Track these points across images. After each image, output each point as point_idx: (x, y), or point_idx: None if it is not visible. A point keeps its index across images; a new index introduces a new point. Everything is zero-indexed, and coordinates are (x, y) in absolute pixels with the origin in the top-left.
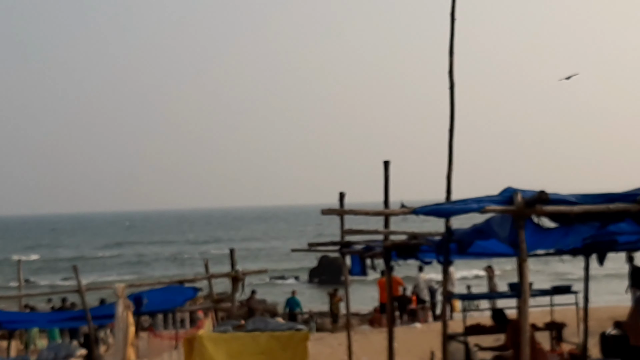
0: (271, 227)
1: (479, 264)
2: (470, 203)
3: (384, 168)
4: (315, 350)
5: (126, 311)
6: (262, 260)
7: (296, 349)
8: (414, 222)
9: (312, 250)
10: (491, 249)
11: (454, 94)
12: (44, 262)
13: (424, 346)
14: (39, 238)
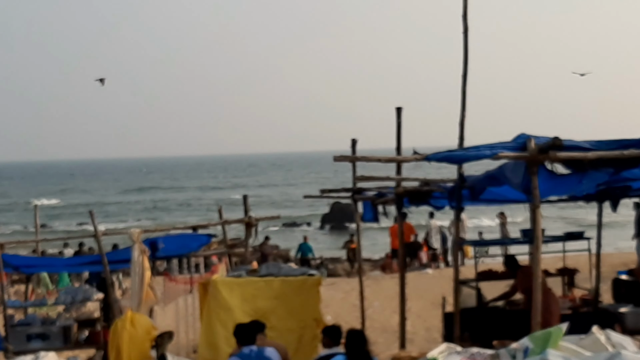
0: (285, 173)
1: (491, 213)
2: (483, 149)
3: (396, 114)
4: (327, 295)
5: (142, 256)
6: (276, 207)
7: (309, 293)
8: (426, 169)
9: (325, 197)
10: (504, 195)
11: (467, 39)
12: (62, 207)
13: (435, 292)
14: (57, 183)
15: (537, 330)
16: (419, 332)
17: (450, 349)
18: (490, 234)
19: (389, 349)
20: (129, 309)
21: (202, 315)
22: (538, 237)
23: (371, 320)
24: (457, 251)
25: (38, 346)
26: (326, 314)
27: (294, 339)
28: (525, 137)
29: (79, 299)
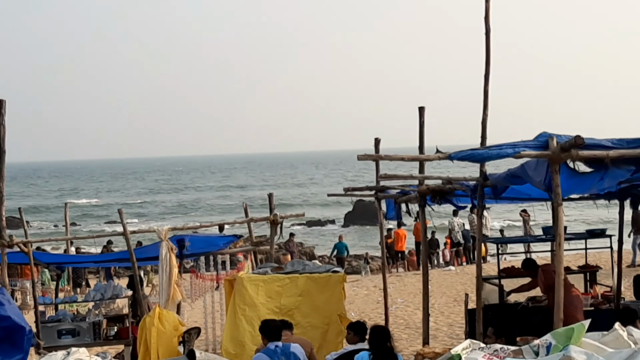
0: (308, 171)
1: (512, 215)
2: (506, 148)
3: (419, 114)
4: (351, 292)
5: (169, 253)
6: (300, 205)
7: (333, 290)
8: (449, 168)
9: (348, 195)
10: (526, 194)
11: (489, 40)
12: (94, 206)
13: (458, 288)
14: (94, 182)
15: (559, 326)
16: (442, 328)
17: (474, 345)
18: (510, 233)
19: (412, 345)
20: (157, 305)
21: (228, 312)
22: (560, 234)
23: (394, 316)
24: (480, 248)
25: (68, 342)
26: (350, 310)
27: (319, 335)
28: (547, 135)
29: (108, 296)
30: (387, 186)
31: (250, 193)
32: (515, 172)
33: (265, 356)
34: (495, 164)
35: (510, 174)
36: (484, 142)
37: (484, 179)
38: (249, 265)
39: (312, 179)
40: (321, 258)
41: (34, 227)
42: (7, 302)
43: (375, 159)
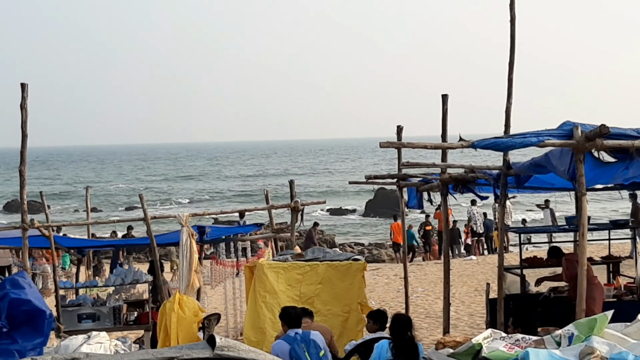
0: (330, 159)
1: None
2: (530, 137)
3: (442, 101)
4: (372, 281)
5: (190, 239)
6: (322, 192)
7: (353, 278)
8: (472, 156)
9: (370, 183)
10: (550, 183)
11: (514, 27)
12: (118, 191)
13: (479, 278)
14: (124, 167)
15: (581, 317)
16: (463, 317)
17: (495, 335)
18: (533, 223)
19: (432, 334)
20: (177, 291)
21: (248, 298)
22: (584, 224)
23: (415, 305)
24: (502, 238)
25: (88, 326)
26: (370, 299)
27: (339, 323)
28: (571, 124)
29: (129, 281)
30: (409, 174)
31: (271, 180)
32: (539, 161)
33: (285, 343)
34: (519, 153)
35: (534, 163)
36: (507, 130)
37: (507, 168)
38: (269, 252)
39: (333, 167)
40: (341, 246)
41: (54, 211)
42: (28, 286)
43: (398, 146)
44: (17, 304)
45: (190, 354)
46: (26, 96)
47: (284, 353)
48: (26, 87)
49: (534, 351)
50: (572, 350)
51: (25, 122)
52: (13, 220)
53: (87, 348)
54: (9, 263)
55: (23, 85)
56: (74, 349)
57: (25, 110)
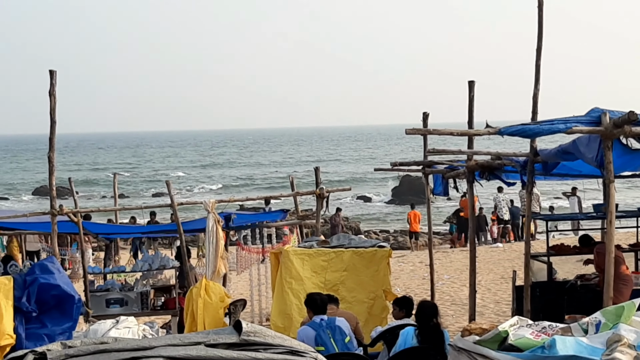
0: (357, 146)
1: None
2: (557, 123)
3: (468, 88)
4: (397, 268)
5: (216, 225)
6: (347, 179)
7: (378, 265)
8: (499, 143)
9: (395, 170)
10: (577, 170)
11: (542, 13)
12: (144, 177)
13: (505, 265)
14: (148, 153)
15: (609, 305)
16: (489, 305)
17: (521, 322)
18: (560, 210)
19: (458, 322)
20: (204, 277)
21: (274, 285)
22: (612, 212)
23: (440, 292)
24: (529, 225)
25: (116, 311)
26: (395, 286)
27: (364, 310)
28: (599, 111)
29: (156, 267)
30: (435, 161)
31: (300, 167)
32: (567, 148)
33: (311, 329)
34: (547, 140)
35: (561, 150)
36: (535, 117)
37: (534, 155)
38: (294, 239)
39: (359, 154)
40: (367, 233)
41: (83, 197)
42: (57, 271)
43: (424, 133)
44: (46, 288)
45: (217, 339)
46: (55, 83)
47: (309, 339)
48: (55, 74)
49: (561, 339)
50: (599, 337)
51: (53, 109)
52: (42, 206)
53: (116, 332)
54: (38, 248)
55: (52, 72)
56: (103, 333)
57: (54, 97)
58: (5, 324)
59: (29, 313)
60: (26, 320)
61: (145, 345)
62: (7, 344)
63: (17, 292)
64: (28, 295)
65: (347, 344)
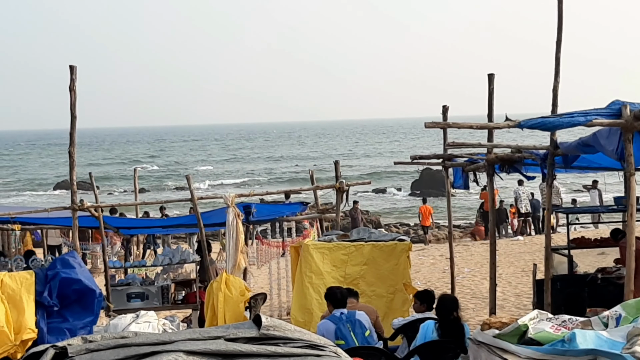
0: (376, 139)
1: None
2: (577, 116)
3: (488, 81)
4: (417, 261)
5: (236, 219)
6: (367, 173)
7: (398, 259)
8: (518, 136)
9: (415, 163)
10: (597, 163)
11: (562, 5)
12: (165, 171)
13: (526, 258)
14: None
15: (629, 298)
16: (509, 298)
17: (542, 316)
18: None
19: (478, 315)
20: (224, 271)
21: (294, 278)
22: (632, 204)
23: (461, 286)
24: (549, 218)
25: (137, 305)
26: (416, 279)
27: (384, 304)
28: (619, 103)
29: (176, 261)
30: (454, 154)
31: (319, 161)
32: (587, 140)
33: (331, 323)
34: (567, 133)
35: (581, 142)
36: (555, 110)
37: (554, 148)
38: (314, 233)
39: (379, 147)
40: (387, 226)
41: (104, 192)
42: (78, 266)
43: (443, 126)
44: (67, 283)
45: (237, 333)
46: (75, 78)
47: (329, 333)
48: (75, 69)
49: (581, 332)
50: (619, 331)
51: (74, 104)
52: (64, 200)
53: (136, 327)
54: (59, 243)
55: (72, 67)
56: (123, 327)
57: (74, 92)
58: (27, 318)
59: (50, 307)
60: (48, 315)
61: (166, 339)
62: (29, 338)
63: (39, 287)
64: (49, 289)
65: (367, 338)
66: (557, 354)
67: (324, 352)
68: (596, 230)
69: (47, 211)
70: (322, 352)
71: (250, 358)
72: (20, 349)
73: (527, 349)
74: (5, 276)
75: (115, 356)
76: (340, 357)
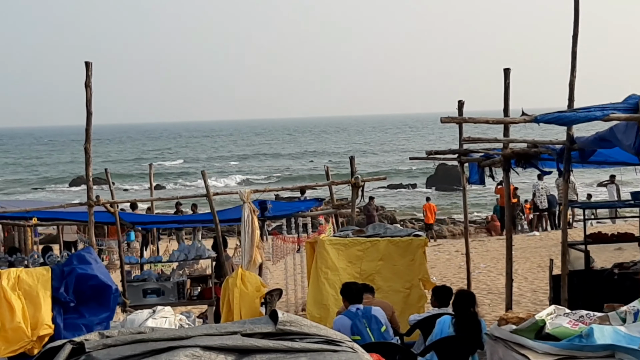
0: (390, 135)
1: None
2: (594, 111)
3: (504, 75)
4: (433, 257)
5: (252, 215)
6: (380, 168)
7: (414, 254)
8: (535, 131)
9: (430, 159)
10: (614, 158)
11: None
12: (184, 167)
13: (542, 254)
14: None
15: None
16: (526, 294)
17: (559, 311)
18: (596, 197)
19: (494, 311)
20: (240, 267)
21: (310, 274)
22: None
23: (477, 281)
24: (566, 213)
25: (153, 301)
26: (431, 275)
27: (400, 300)
28: (637, 97)
29: (192, 257)
30: (470, 149)
31: (335, 158)
32: (604, 135)
33: (347, 318)
34: (583, 128)
35: (598, 137)
36: (571, 104)
37: (571, 143)
38: (330, 228)
39: (393, 143)
40: (402, 222)
41: (119, 189)
42: (95, 262)
43: (459, 121)
44: (84, 279)
45: (253, 328)
46: (90, 75)
47: (345, 328)
48: (90, 65)
49: (599, 328)
50: (637, 326)
51: (89, 101)
52: (79, 196)
53: (153, 322)
54: (75, 239)
55: (87, 63)
56: (140, 323)
57: (90, 88)
58: (44, 314)
59: (67, 303)
60: (64, 311)
61: (182, 335)
62: (45, 334)
63: (55, 283)
64: (66, 285)
65: (383, 333)
66: (574, 349)
67: (340, 347)
68: (613, 225)
69: (64, 207)
70: (339, 347)
71: (266, 353)
72: (37, 344)
73: (545, 344)
74: (22, 272)
75: (132, 351)
76: (357, 352)
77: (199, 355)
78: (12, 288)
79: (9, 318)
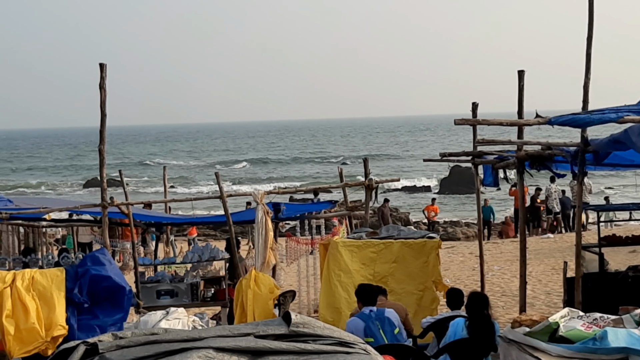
0: (403, 137)
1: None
2: (608, 113)
3: (518, 77)
4: (447, 259)
5: (265, 216)
6: (395, 170)
7: (428, 256)
8: (549, 133)
9: (444, 161)
10: (629, 160)
11: (593, 1)
12: (195, 168)
13: (556, 256)
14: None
15: None
16: (540, 296)
17: (572, 314)
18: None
19: (508, 313)
20: (253, 268)
21: (323, 277)
22: None
23: (491, 284)
24: (580, 216)
25: (167, 302)
26: (445, 277)
27: (413, 302)
28: None
29: (206, 258)
30: (484, 151)
31: (350, 159)
32: (618, 137)
33: (360, 320)
34: (598, 130)
35: (612, 139)
36: (585, 106)
37: (585, 145)
38: (343, 230)
39: (408, 145)
40: (416, 224)
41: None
42: (108, 263)
43: (473, 123)
44: (97, 280)
45: (266, 330)
46: (105, 76)
47: (358, 330)
48: (105, 67)
49: (613, 330)
50: None
51: (104, 102)
52: (93, 197)
53: (166, 323)
54: (90, 240)
55: (102, 65)
56: (153, 324)
57: (104, 90)
58: (58, 315)
59: (80, 304)
60: (78, 312)
61: (195, 336)
62: (59, 335)
63: (69, 284)
64: (80, 286)
65: (396, 335)
66: (588, 352)
67: (353, 349)
68: (627, 227)
69: (78, 208)
70: (352, 349)
71: (279, 355)
72: (51, 345)
73: (558, 346)
74: (36, 273)
75: (145, 352)
76: (370, 354)
77: (212, 357)
78: (27, 289)
79: (23, 319)
